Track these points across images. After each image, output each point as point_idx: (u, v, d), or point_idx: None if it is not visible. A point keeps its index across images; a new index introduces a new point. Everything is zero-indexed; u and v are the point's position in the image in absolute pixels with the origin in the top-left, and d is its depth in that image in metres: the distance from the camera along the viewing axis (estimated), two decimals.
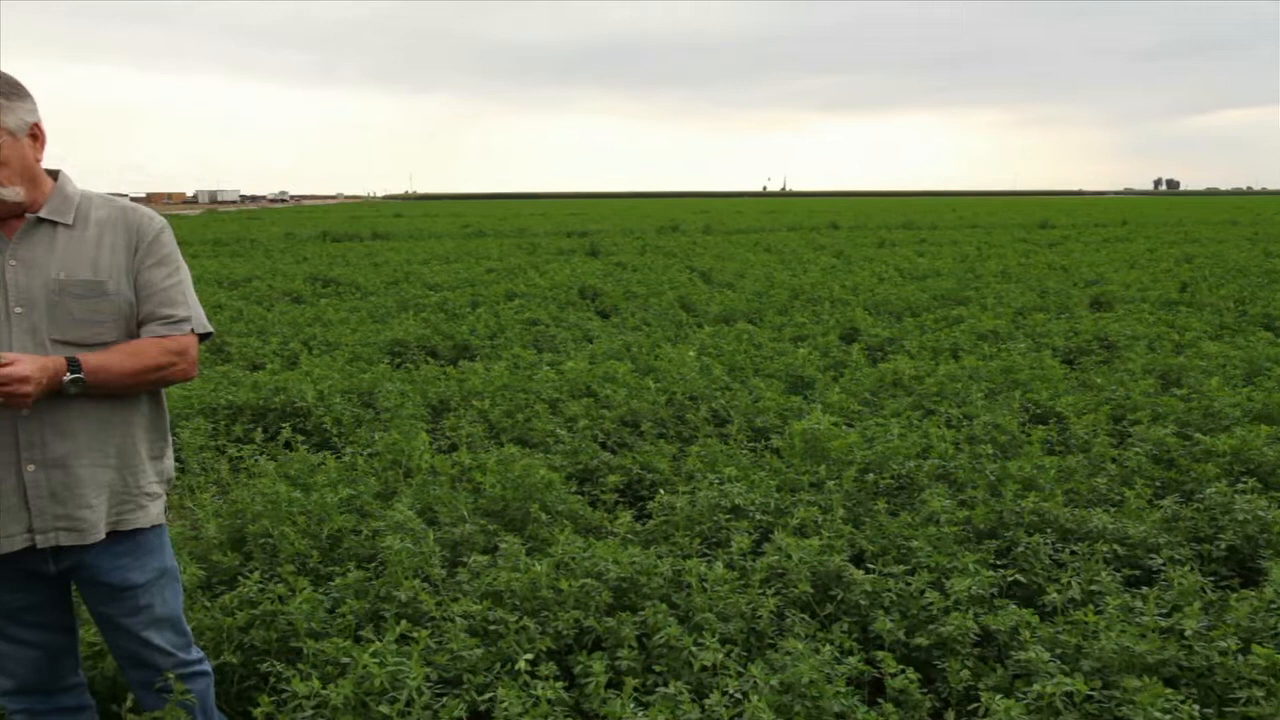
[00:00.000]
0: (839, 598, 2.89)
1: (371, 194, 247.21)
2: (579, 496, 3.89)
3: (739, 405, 5.26)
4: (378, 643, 2.39)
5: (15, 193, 1.90)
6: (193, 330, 2.08)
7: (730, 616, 2.73)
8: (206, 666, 2.31)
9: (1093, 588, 2.94)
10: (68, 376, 1.87)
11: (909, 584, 2.87)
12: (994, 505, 3.57)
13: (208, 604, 2.83)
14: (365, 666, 2.26)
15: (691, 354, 6.59)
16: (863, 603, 2.83)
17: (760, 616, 2.71)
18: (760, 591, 2.83)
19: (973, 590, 2.80)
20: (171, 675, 2.13)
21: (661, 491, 3.81)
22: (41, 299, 1.92)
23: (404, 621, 2.52)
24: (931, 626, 2.69)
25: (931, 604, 2.75)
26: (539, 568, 2.88)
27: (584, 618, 2.70)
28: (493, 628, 2.60)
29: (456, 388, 5.77)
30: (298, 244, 21.22)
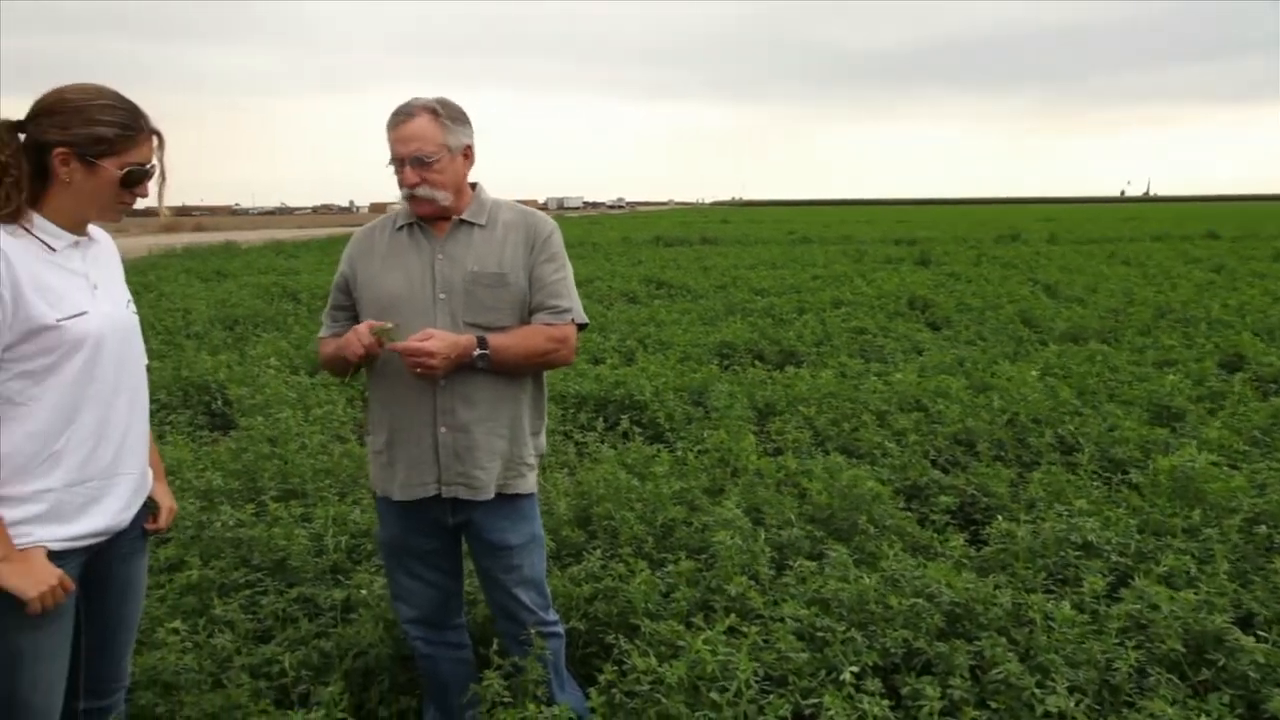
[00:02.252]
0: (1220, 664, 2.51)
1: (701, 200, 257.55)
2: (907, 513, 3.77)
3: (1090, 433, 4.77)
4: (708, 631, 2.50)
5: (444, 197, 2.27)
6: (573, 321, 2.35)
7: (1079, 663, 2.49)
8: (560, 629, 2.58)
9: None
10: (476, 352, 2.20)
11: None
12: None
13: (558, 573, 3.13)
14: (697, 652, 2.37)
15: (1034, 373, 6.08)
16: (1252, 674, 2.44)
17: (1117, 669, 2.44)
18: (1117, 641, 2.55)
19: None
20: (534, 630, 2.40)
21: (999, 517, 3.57)
22: (459, 287, 2.28)
23: (733, 615, 2.60)
24: None
25: None
26: (867, 580, 2.83)
27: (914, 638, 2.61)
28: (819, 634, 2.60)
29: (783, 392, 5.83)
30: (633, 248, 22.70)
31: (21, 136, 1.86)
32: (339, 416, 5.46)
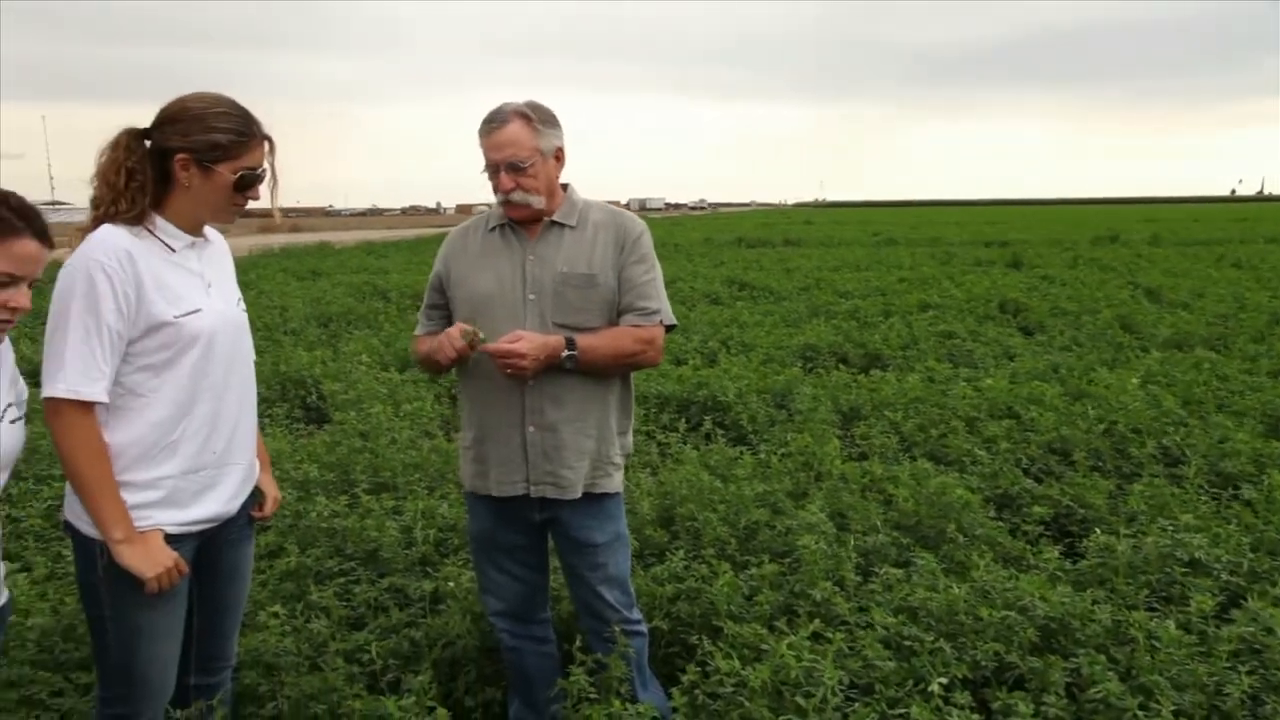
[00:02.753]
0: None
1: (783, 201, 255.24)
2: (998, 523, 3.66)
3: (1197, 445, 4.54)
4: (792, 636, 2.48)
5: (538, 200, 2.30)
6: (661, 322, 2.35)
7: (1186, 686, 2.38)
8: (644, 628, 2.59)
9: None
10: (565, 353, 2.22)
11: None
12: None
13: (641, 572, 3.15)
14: (781, 656, 2.36)
15: (1134, 381, 5.83)
16: None
17: (1228, 694, 2.32)
18: (1228, 665, 2.42)
19: None
20: (617, 628, 2.42)
21: (1096, 530, 3.44)
22: (549, 288, 2.31)
23: (817, 620, 2.58)
24: None
25: None
26: (957, 590, 2.76)
27: (1005, 652, 2.54)
28: (906, 643, 2.55)
29: (868, 396, 5.73)
30: (715, 249, 22.61)
31: (147, 143, 1.97)
32: (427, 413, 5.60)
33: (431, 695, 2.23)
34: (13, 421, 1.76)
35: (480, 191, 2.37)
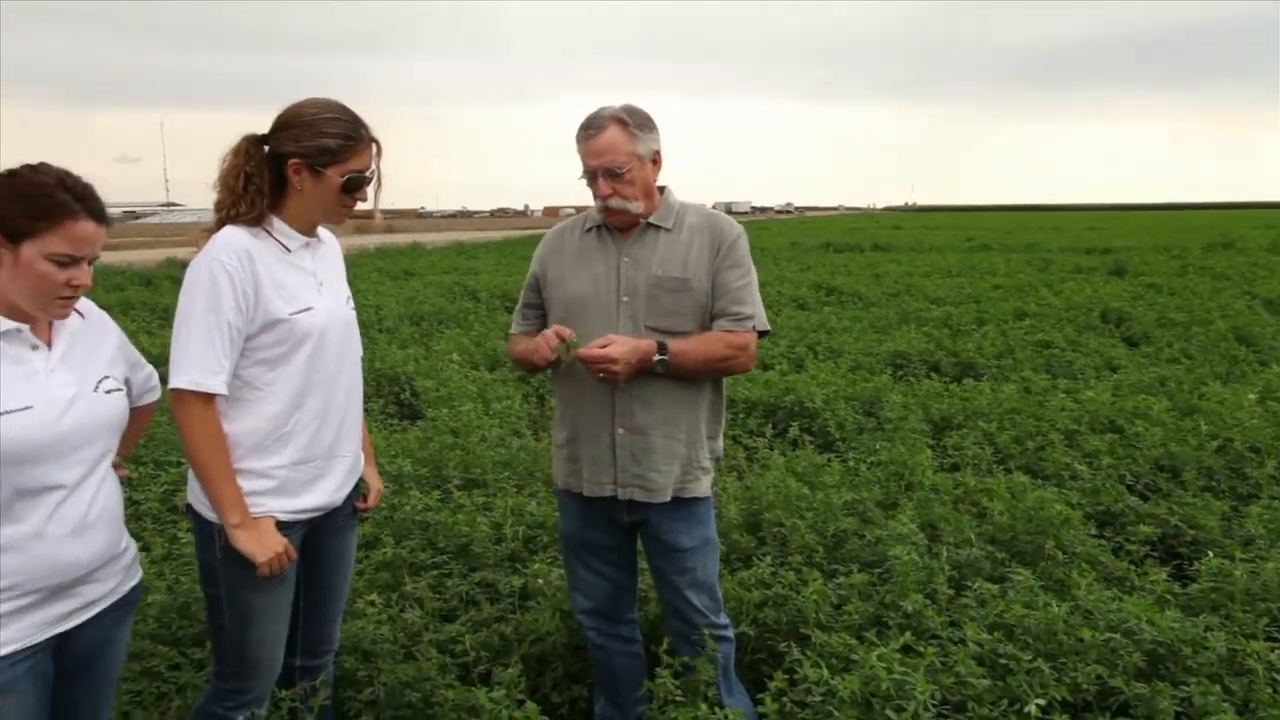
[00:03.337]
0: None
1: (871, 205, 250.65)
2: (1100, 541, 3.52)
3: None
4: (882, 647, 2.43)
5: (636, 205, 2.31)
6: (754, 328, 2.34)
7: None
8: (730, 633, 2.58)
9: None
10: (656, 357, 2.23)
11: None
12: None
13: (728, 576, 3.14)
14: (871, 667, 2.32)
15: (1252, 396, 5.52)
16: None
17: None
18: None
19: None
20: (706, 632, 2.41)
21: (1209, 553, 3.27)
22: (642, 291, 2.31)
23: (908, 633, 2.52)
24: None
25: None
26: (1056, 609, 2.67)
27: (1109, 675, 2.44)
28: (1002, 661, 2.48)
29: (960, 406, 5.59)
30: (802, 253, 22.36)
31: (265, 148, 2.06)
32: (516, 411, 5.71)
33: (521, 689, 2.27)
34: (108, 392, 1.84)
35: (568, 194, 2.40)
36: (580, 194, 2.41)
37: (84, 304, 1.86)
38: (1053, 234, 32.33)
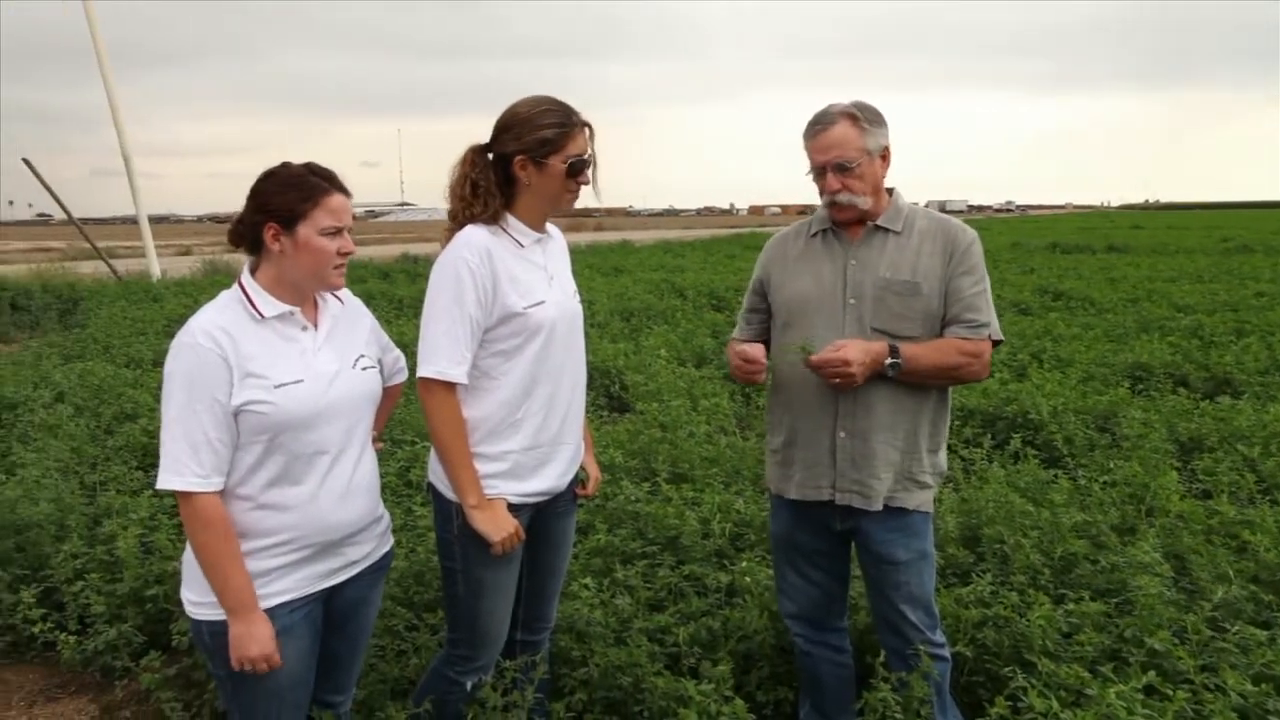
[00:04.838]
0: None
1: (1105, 203, 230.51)
2: None
3: None
4: (1121, 685, 2.24)
5: (865, 201, 2.26)
6: (989, 336, 2.22)
7: None
8: (947, 652, 2.46)
9: None
10: (888, 360, 2.17)
11: None
12: None
13: (943, 591, 3.00)
14: (1109, 705, 2.14)
15: None
16: None
17: None
18: None
19: None
20: (921, 649, 2.32)
21: None
22: (869, 293, 2.26)
23: (1152, 672, 2.30)
24: None
25: None
26: None
27: None
28: (1270, 717, 2.21)
29: (1214, 426, 5.02)
30: (1025, 254, 20.93)
31: (489, 155, 2.19)
32: (723, 409, 5.74)
33: (729, 685, 2.28)
34: (365, 369, 2.05)
35: (773, 193, 2.36)
36: (786, 192, 2.37)
37: (343, 291, 2.08)
38: None
